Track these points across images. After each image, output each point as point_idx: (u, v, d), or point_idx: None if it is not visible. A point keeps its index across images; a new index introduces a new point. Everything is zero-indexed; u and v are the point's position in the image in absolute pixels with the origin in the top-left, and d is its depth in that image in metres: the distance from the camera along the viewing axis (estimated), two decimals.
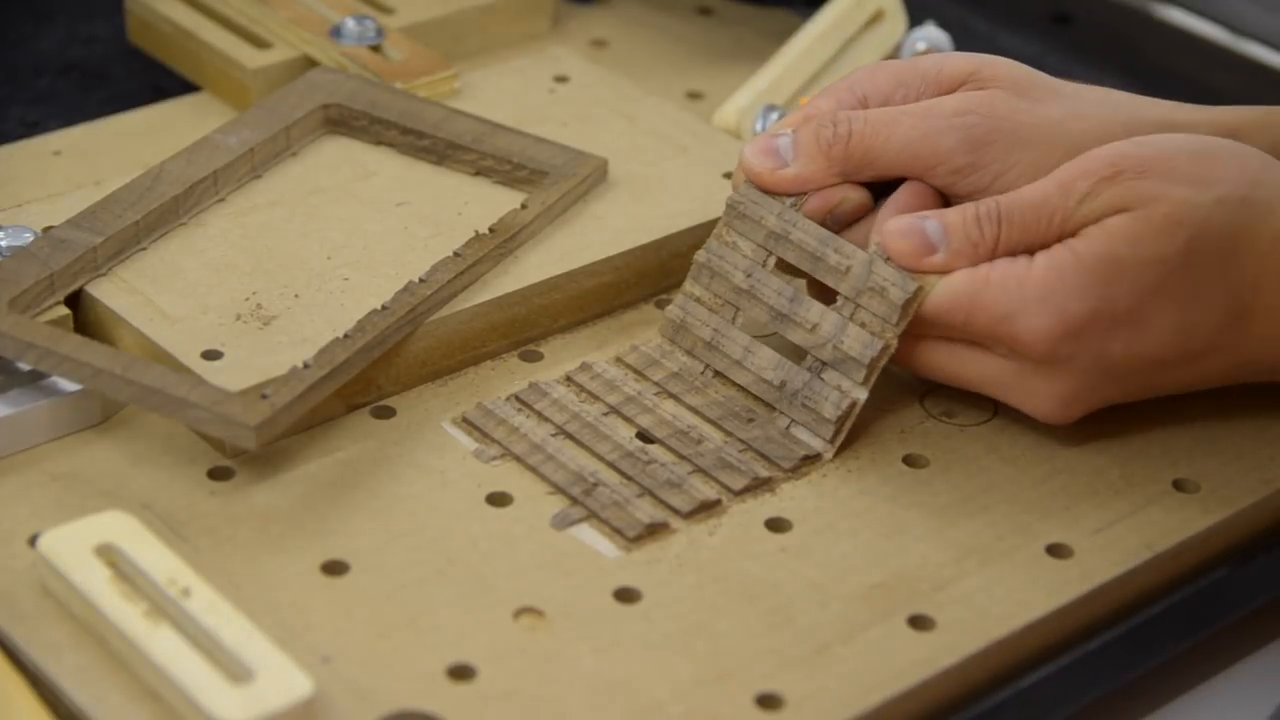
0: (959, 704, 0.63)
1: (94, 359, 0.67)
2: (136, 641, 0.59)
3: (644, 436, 0.70)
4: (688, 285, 0.72)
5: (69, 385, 0.69)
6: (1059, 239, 0.67)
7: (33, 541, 0.64)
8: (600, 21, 0.96)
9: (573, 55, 0.90)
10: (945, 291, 0.67)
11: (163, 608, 0.60)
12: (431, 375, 0.73)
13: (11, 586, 0.63)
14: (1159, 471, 0.70)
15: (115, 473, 0.68)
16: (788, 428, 0.70)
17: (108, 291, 0.72)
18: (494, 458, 0.69)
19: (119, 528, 0.63)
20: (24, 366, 0.69)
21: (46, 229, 0.74)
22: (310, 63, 0.86)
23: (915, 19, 0.91)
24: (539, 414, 0.70)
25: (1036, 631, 0.64)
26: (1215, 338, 0.67)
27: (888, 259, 0.68)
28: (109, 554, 0.62)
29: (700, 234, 0.76)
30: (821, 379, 0.69)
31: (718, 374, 0.72)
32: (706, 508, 0.67)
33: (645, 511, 0.67)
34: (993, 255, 0.67)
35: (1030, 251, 0.67)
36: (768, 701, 0.61)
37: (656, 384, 0.71)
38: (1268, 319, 0.67)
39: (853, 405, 0.68)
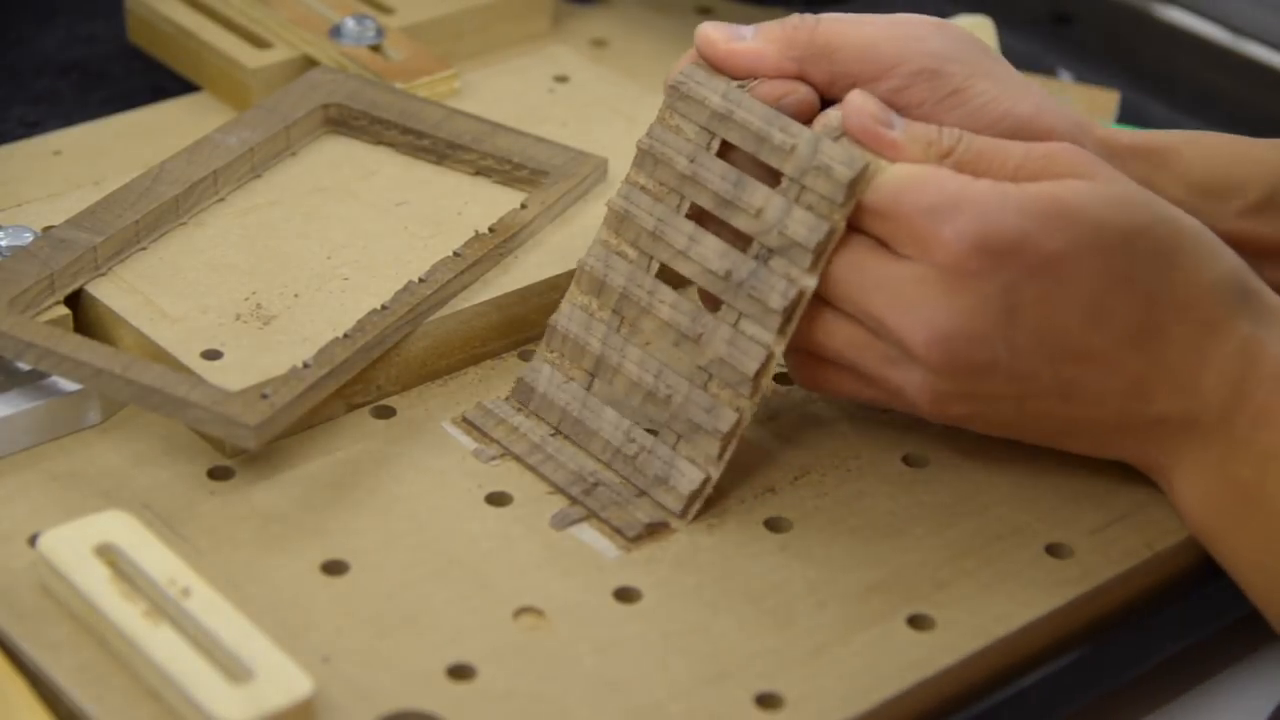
0: (958, 704, 0.63)
1: (94, 359, 0.67)
2: (136, 641, 0.59)
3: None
4: (631, 173, 0.69)
5: (69, 385, 0.69)
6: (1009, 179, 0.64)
7: (33, 541, 0.64)
8: (600, 21, 0.96)
9: (573, 55, 0.90)
10: (889, 177, 0.64)
11: (162, 607, 0.60)
12: (431, 375, 0.73)
13: (11, 586, 0.63)
14: None
15: (115, 472, 0.68)
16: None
17: (107, 291, 0.72)
18: (493, 457, 0.69)
19: (119, 527, 0.63)
20: (24, 366, 0.69)
21: (46, 229, 0.74)
22: (310, 62, 0.86)
23: None
24: (535, 413, 0.70)
25: (1036, 631, 0.64)
26: (1121, 342, 0.64)
27: (837, 138, 0.65)
28: (109, 554, 0.62)
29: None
30: (769, 267, 0.65)
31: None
32: (694, 499, 0.67)
33: (645, 511, 0.67)
34: (942, 160, 0.65)
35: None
36: (767, 701, 0.61)
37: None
38: (1173, 351, 0.64)
39: (800, 294, 0.65)
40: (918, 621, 0.64)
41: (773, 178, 0.66)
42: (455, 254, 0.74)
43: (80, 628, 0.61)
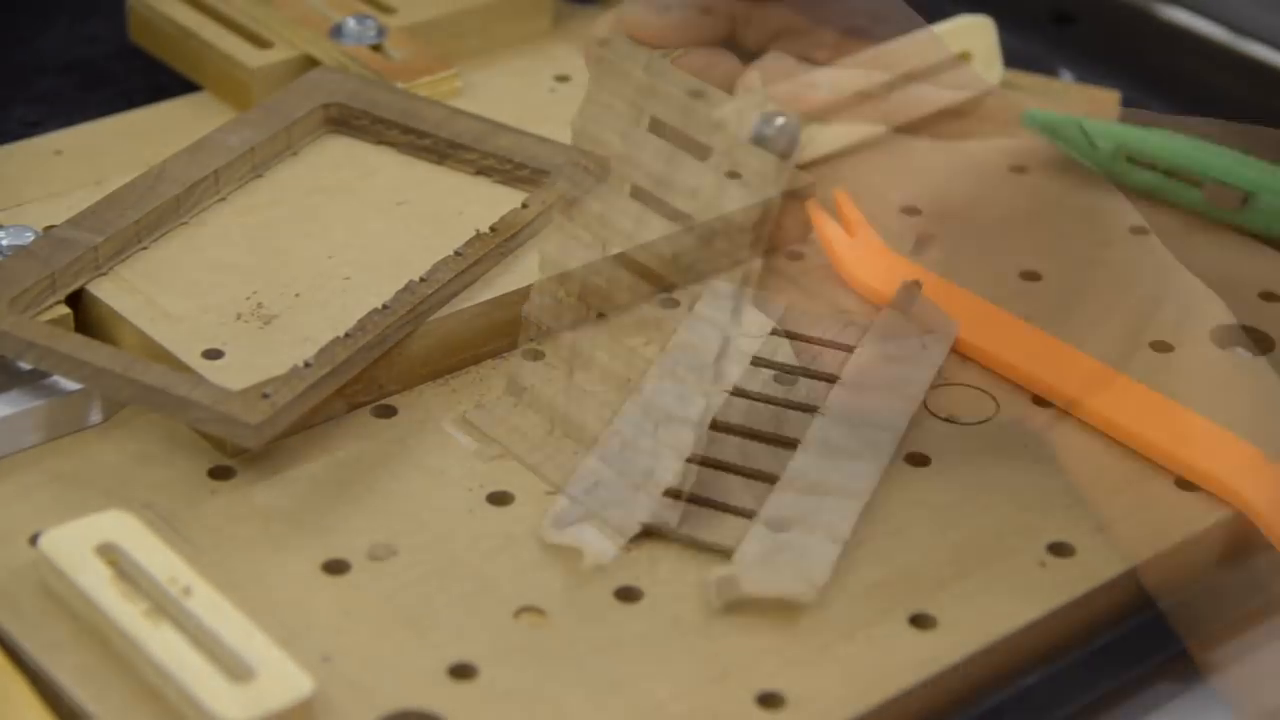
0: (960, 703, 0.63)
1: (95, 358, 0.67)
2: (137, 640, 0.59)
3: None
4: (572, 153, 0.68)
5: (69, 385, 0.69)
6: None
7: (33, 541, 0.64)
8: None
9: (573, 55, 0.90)
10: (828, 140, 0.63)
11: (164, 607, 0.60)
12: (432, 374, 0.73)
13: (12, 586, 0.63)
14: (1160, 470, 0.70)
15: (116, 472, 0.68)
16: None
17: (108, 291, 0.72)
18: (494, 457, 0.69)
19: (120, 527, 0.63)
20: (24, 366, 0.69)
21: (47, 228, 0.74)
22: (311, 62, 0.86)
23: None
24: (530, 408, 0.70)
25: (1037, 630, 0.64)
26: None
27: (762, 105, 0.64)
28: (110, 553, 0.62)
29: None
30: (713, 247, 0.64)
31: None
32: (682, 499, 0.66)
33: (645, 510, 0.66)
34: (880, 107, 0.63)
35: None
36: (769, 700, 0.61)
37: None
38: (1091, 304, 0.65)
39: (748, 276, 0.63)
40: (920, 620, 0.64)
41: (704, 150, 0.65)
42: (456, 253, 0.74)
43: (81, 627, 0.61)
